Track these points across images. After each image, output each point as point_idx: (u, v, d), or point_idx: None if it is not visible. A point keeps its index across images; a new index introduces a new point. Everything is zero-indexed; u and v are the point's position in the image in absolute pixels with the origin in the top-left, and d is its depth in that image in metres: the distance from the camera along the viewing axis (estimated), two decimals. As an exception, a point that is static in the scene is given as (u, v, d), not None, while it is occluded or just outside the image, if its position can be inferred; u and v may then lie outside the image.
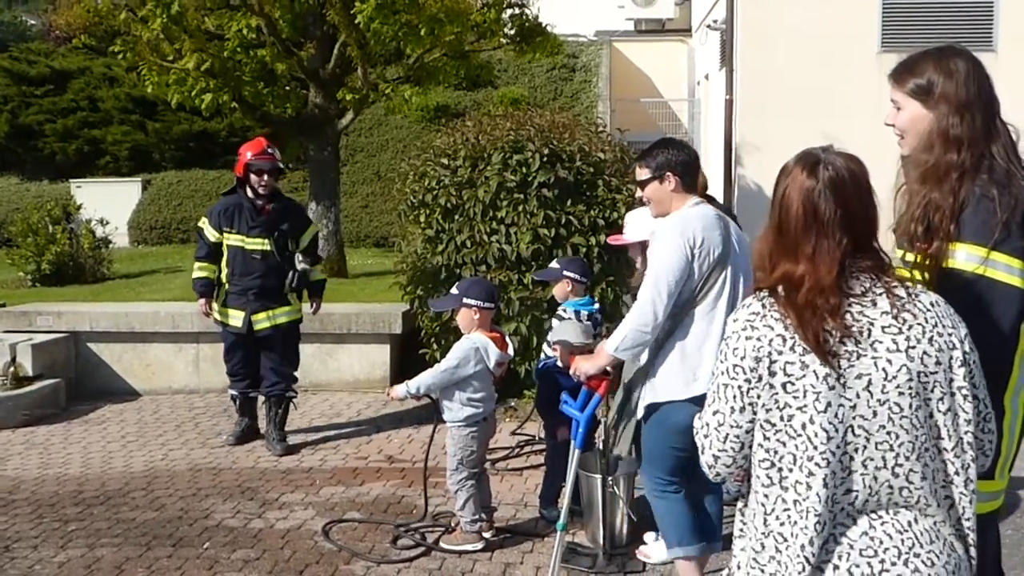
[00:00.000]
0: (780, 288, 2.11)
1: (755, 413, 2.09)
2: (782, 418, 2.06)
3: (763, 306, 2.12)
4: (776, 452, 2.08)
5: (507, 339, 4.90)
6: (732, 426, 2.12)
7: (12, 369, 7.71)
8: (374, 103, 11.17)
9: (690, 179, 3.96)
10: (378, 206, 14.60)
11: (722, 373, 2.13)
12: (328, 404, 7.71)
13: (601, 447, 4.88)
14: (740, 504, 2.25)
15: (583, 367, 4.02)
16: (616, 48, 18.82)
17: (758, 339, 2.08)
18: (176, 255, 13.79)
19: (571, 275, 5.30)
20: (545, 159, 6.61)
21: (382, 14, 9.28)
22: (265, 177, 6.44)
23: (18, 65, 19.56)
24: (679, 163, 3.93)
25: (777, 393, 2.06)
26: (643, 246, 4.41)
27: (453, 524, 4.94)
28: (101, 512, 5.49)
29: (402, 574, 4.60)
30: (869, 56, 12.02)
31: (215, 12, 10.93)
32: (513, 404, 6.78)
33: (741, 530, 2.23)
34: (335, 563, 4.73)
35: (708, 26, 15.28)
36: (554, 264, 5.49)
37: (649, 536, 4.75)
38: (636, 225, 4.50)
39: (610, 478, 4.68)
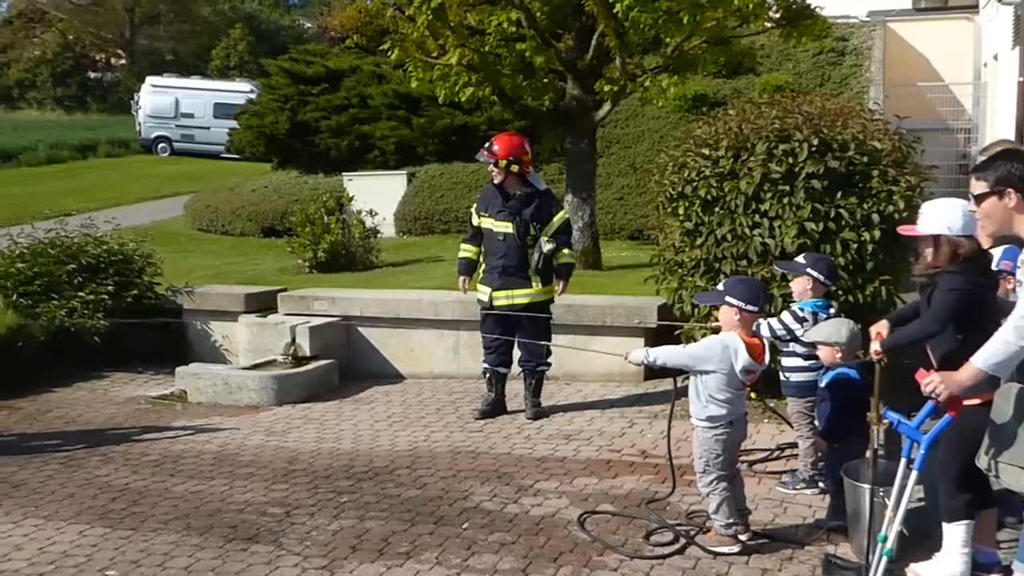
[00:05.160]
0: None
1: None
2: None
3: None
4: None
5: (766, 349, 4.70)
6: None
7: (292, 349, 8.31)
8: (631, 94, 11.09)
9: None
10: (633, 198, 14.49)
11: None
12: (582, 395, 7.74)
13: (870, 455, 4.59)
14: None
15: (944, 384, 3.74)
16: (891, 29, 17.69)
17: None
18: (437, 245, 14.35)
19: (814, 274, 5.18)
20: (814, 149, 6.27)
21: (641, 1, 9.19)
22: (490, 167, 7.05)
23: (296, 66, 21.07)
24: (1022, 178, 3.61)
25: None
26: (935, 240, 4.12)
27: (708, 524, 4.82)
28: (369, 487, 5.78)
29: (655, 571, 4.53)
30: None
31: (476, 8, 11.25)
32: (772, 404, 6.51)
33: None
34: (588, 554, 4.73)
35: (1000, 0, 14.03)
36: (800, 259, 5.37)
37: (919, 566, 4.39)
38: (931, 217, 4.16)
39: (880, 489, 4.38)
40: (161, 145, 36.08)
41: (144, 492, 5.81)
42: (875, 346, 4.37)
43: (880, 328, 4.51)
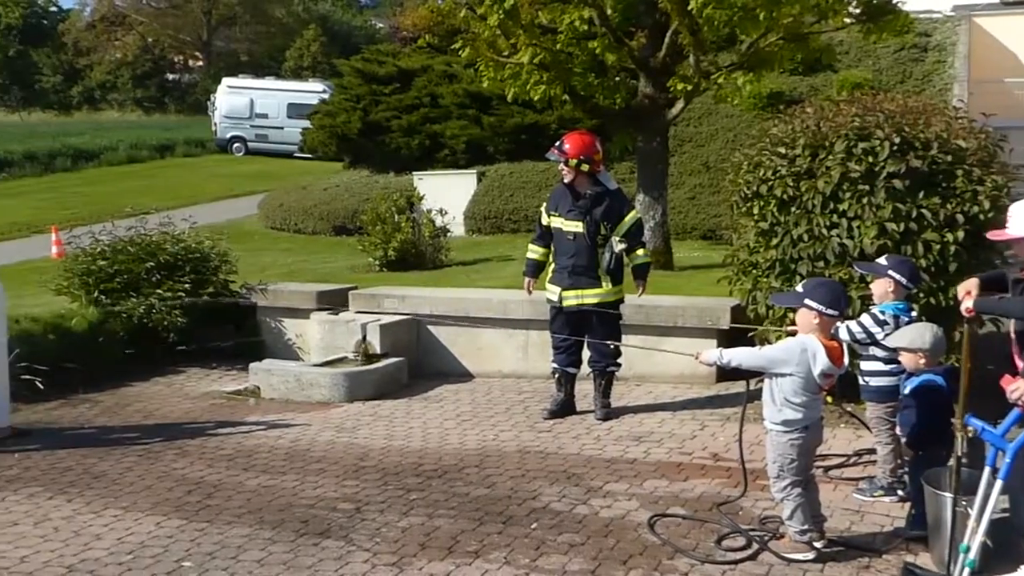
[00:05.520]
0: None
1: None
2: None
3: None
4: None
5: (845, 353, 4.59)
6: None
7: (363, 347, 8.37)
8: (705, 92, 10.96)
9: None
10: (706, 198, 14.33)
11: None
12: (652, 396, 7.66)
13: (954, 463, 4.44)
14: None
15: None
16: (976, 23, 17.19)
17: None
18: (507, 244, 14.37)
19: (896, 276, 5.08)
20: (895, 147, 6.11)
21: (716, -1, 9.09)
22: (560, 166, 7.01)
23: (369, 66, 21.31)
24: None
25: None
26: None
27: (781, 530, 4.72)
28: (438, 484, 5.79)
29: (726, 576, 4.46)
30: None
31: (548, 6, 11.23)
32: (850, 408, 6.35)
33: None
34: (658, 557, 4.67)
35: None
36: (882, 260, 5.28)
37: None
38: (1021, 219, 4.03)
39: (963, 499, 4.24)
40: (236, 145, 36.84)
41: (218, 485, 5.91)
42: (967, 304, 4.29)
43: (970, 286, 4.42)
